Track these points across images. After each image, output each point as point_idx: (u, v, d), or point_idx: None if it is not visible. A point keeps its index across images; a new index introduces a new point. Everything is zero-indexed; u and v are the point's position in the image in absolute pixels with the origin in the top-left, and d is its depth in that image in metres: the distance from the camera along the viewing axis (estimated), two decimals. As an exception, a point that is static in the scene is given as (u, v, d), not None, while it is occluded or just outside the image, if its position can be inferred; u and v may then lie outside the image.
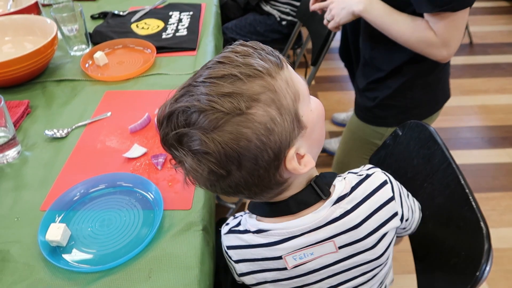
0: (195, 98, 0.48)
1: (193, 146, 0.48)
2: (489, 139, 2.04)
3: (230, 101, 0.47)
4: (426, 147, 0.81)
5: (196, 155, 0.49)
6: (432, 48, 0.92)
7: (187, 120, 0.48)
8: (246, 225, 0.63)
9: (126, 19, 1.33)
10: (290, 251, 0.60)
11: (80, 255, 0.66)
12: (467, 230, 0.67)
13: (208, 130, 0.47)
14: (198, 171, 0.50)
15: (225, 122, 0.47)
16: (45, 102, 1.00)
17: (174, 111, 0.49)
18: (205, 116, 0.47)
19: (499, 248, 1.54)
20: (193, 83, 0.50)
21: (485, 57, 2.66)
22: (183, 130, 0.48)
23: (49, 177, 0.80)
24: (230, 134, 0.47)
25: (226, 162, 0.48)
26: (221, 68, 0.49)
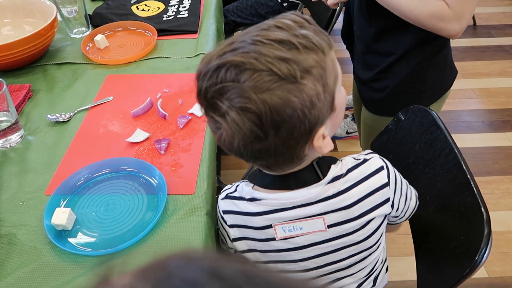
0: (252, 55, 0.48)
1: (241, 103, 0.48)
2: (490, 123, 2.04)
3: (287, 67, 0.47)
4: (429, 132, 0.81)
5: (242, 112, 0.48)
6: (445, 22, 0.88)
7: (238, 75, 0.48)
8: (241, 192, 0.64)
9: (126, 0, 1.31)
10: (280, 222, 0.61)
11: (86, 238, 0.67)
12: (468, 215, 0.68)
13: (260, 90, 0.47)
14: (239, 128, 0.49)
15: (278, 87, 0.47)
16: (46, 85, 0.99)
17: (225, 63, 0.48)
18: (259, 76, 0.47)
19: (496, 231, 1.56)
20: (248, 39, 0.49)
21: (488, 39, 2.63)
22: (234, 84, 0.48)
23: (53, 161, 0.80)
24: (280, 99, 0.47)
25: (268, 125, 0.49)
26: (279, 33, 0.49)
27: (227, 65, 0.48)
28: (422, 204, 0.80)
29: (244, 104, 0.48)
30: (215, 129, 0.53)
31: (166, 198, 0.70)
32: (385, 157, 0.77)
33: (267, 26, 0.51)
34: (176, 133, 0.84)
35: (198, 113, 0.88)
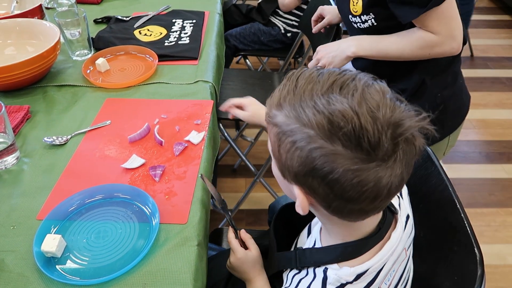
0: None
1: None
2: (487, 154, 2.05)
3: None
4: (424, 167, 0.81)
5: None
6: (438, 47, 0.92)
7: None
8: (339, 280, 0.55)
9: (129, 24, 1.33)
10: (383, 279, 0.57)
11: (74, 266, 0.66)
12: (461, 255, 0.68)
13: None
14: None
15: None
16: (45, 107, 1.00)
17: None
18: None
19: (491, 264, 1.55)
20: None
21: (485, 70, 2.67)
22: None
23: (47, 185, 0.80)
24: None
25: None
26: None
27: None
28: (416, 241, 0.80)
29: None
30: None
31: (158, 227, 0.70)
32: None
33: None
34: (171, 160, 0.85)
35: (194, 141, 0.89)
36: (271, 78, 1.72)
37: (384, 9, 0.91)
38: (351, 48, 0.99)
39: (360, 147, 0.44)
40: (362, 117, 0.44)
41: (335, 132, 0.44)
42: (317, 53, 1.05)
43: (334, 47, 1.02)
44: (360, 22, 0.97)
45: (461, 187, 1.87)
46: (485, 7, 3.46)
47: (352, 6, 0.96)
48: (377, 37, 0.97)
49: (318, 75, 0.49)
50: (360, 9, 0.94)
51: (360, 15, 0.95)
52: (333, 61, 1.02)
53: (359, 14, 0.96)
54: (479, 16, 3.29)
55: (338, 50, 1.01)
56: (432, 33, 0.90)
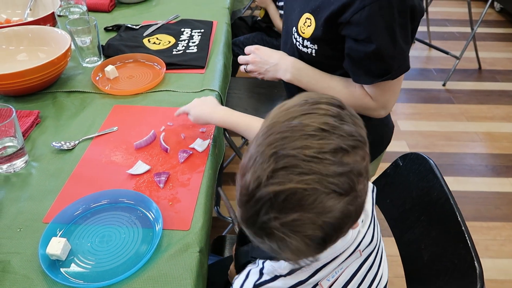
0: (313, 179, 0.44)
1: (304, 231, 0.45)
2: (493, 167, 2.04)
3: (348, 182, 0.45)
4: (426, 179, 0.82)
5: (307, 239, 0.46)
6: (371, 111, 0.91)
7: (300, 202, 0.44)
8: (273, 271, 0.59)
9: (138, 33, 1.36)
10: (324, 277, 0.59)
11: (78, 270, 0.67)
12: (461, 268, 0.68)
13: (322, 214, 0.44)
14: (300, 251, 0.47)
15: (338, 203, 0.45)
16: (54, 113, 1.02)
17: (284, 191, 0.44)
18: (322, 202, 0.44)
19: (497, 279, 1.53)
20: (301, 156, 0.44)
21: (493, 83, 2.66)
22: (295, 215, 0.44)
23: (54, 189, 0.81)
24: (340, 213, 0.45)
25: (330, 238, 0.48)
26: (329, 141, 0.45)
27: (286, 193, 0.44)
28: (417, 252, 0.80)
29: (308, 232, 0.45)
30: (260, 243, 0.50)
31: (161, 233, 0.71)
32: (382, 201, 0.78)
33: (312, 131, 0.46)
34: (176, 167, 0.86)
35: (199, 148, 0.90)
36: (277, 87, 1.74)
37: (331, 49, 0.86)
38: (287, 74, 0.92)
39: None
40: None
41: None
42: (253, 55, 0.96)
43: (271, 60, 0.94)
44: (300, 44, 0.90)
45: (466, 200, 1.86)
46: (493, 20, 3.46)
47: (302, 25, 0.87)
48: (317, 74, 0.91)
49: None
50: (308, 35, 0.86)
51: (305, 38, 0.88)
52: (264, 73, 0.96)
53: (305, 37, 0.88)
54: (488, 29, 3.29)
55: (273, 68, 0.94)
56: (371, 98, 0.89)
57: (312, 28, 0.84)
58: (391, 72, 0.81)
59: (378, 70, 0.82)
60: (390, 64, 0.80)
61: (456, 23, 3.40)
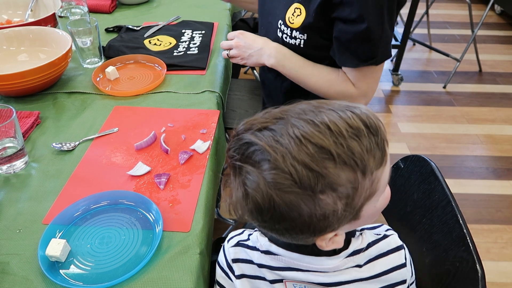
0: (281, 151, 0.44)
1: (250, 187, 0.47)
2: (494, 170, 2.03)
3: (309, 178, 0.44)
4: (427, 182, 0.81)
5: (247, 195, 0.47)
6: (352, 99, 0.91)
7: (261, 162, 0.46)
8: (256, 243, 0.62)
9: (139, 34, 1.36)
10: (292, 280, 0.60)
11: (78, 271, 0.67)
12: (463, 271, 0.67)
13: (272, 186, 0.45)
14: (241, 205, 0.49)
15: (292, 191, 0.45)
16: (55, 113, 1.02)
17: (256, 144, 0.46)
18: (278, 175, 0.44)
19: (498, 282, 1.53)
20: (291, 129, 0.46)
21: (493, 86, 2.66)
22: (253, 168, 0.46)
23: (54, 190, 0.81)
24: (288, 203, 0.45)
25: (267, 216, 0.48)
26: (323, 136, 0.45)
27: (256, 146, 0.46)
28: (418, 255, 0.79)
29: (251, 190, 0.46)
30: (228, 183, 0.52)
31: (161, 235, 0.71)
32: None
33: (320, 122, 0.46)
34: (176, 169, 0.86)
35: (199, 150, 0.90)
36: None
37: (322, 38, 0.87)
38: (270, 59, 0.91)
39: (375, 156, 0.48)
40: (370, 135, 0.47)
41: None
42: (237, 39, 0.94)
43: (255, 45, 0.93)
44: (287, 35, 0.90)
45: (467, 203, 1.85)
46: (494, 22, 3.47)
47: (291, 15, 0.87)
48: (301, 61, 0.91)
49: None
50: (298, 24, 0.86)
51: (294, 29, 0.88)
52: (247, 58, 0.94)
53: (293, 28, 0.88)
54: (488, 32, 3.29)
55: (257, 52, 0.92)
56: (353, 84, 0.90)
57: (303, 17, 0.85)
58: (375, 57, 0.84)
59: (364, 53, 0.84)
60: (376, 46, 0.82)
61: (457, 26, 3.40)
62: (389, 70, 2.80)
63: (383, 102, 2.52)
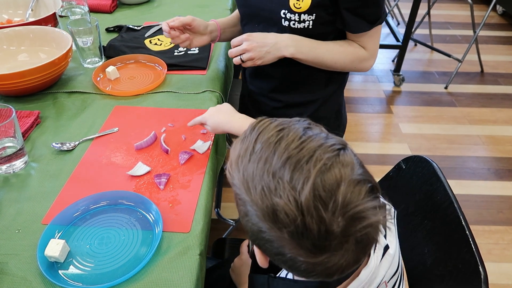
0: (314, 148, 0.45)
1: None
2: (496, 171, 2.03)
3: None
4: (429, 183, 0.81)
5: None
6: (365, 61, 0.99)
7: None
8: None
9: (140, 33, 1.35)
10: None
11: (77, 272, 0.66)
12: (465, 272, 0.67)
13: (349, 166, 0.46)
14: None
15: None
16: (55, 113, 1.01)
17: (316, 182, 0.43)
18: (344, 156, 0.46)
19: (500, 284, 1.52)
20: (295, 150, 0.45)
21: (495, 86, 2.65)
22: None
23: (53, 190, 0.81)
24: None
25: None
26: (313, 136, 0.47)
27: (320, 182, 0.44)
28: (420, 257, 0.79)
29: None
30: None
31: (161, 235, 0.70)
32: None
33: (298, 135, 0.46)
34: (176, 169, 0.85)
35: (200, 150, 0.89)
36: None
37: (327, 14, 0.90)
38: (289, 49, 0.92)
39: (304, 244, 0.43)
40: (307, 217, 0.41)
41: (280, 225, 0.43)
42: (247, 42, 0.92)
43: (268, 41, 0.92)
44: (295, 21, 0.90)
45: (468, 203, 1.84)
46: (496, 23, 3.46)
47: (295, 1, 0.88)
48: (314, 42, 0.94)
49: (276, 142, 0.46)
50: (306, 6, 0.88)
51: (301, 12, 0.89)
52: (264, 56, 0.92)
53: (301, 12, 0.89)
54: (490, 32, 3.29)
55: (274, 47, 0.92)
56: (364, 48, 0.98)
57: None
58: (380, 17, 0.92)
59: (371, 15, 0.91)
60: (380, 7, 0.90)
61: (459, 26, 3.39)
62: (391, 71, 2.80)
63: (384, 103, 2.51)
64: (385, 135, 2.25)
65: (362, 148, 2.15)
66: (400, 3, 3.29)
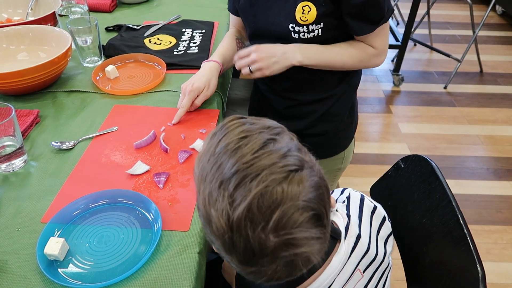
0: (265, 174, 0.45)
1: (296, 220, 0.44)
2: (495, 170, 2.03)
3: (294, 158, 0.46)
4: (427, 182, 0.81)
5: (302, 228, 0.45)
6: (374, 59, 1.00)
7: (272, 199, 0.44)
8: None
9: (139, 33, 1.35)
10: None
11: (76, 270, 0.66)
12: (463, 271, 0.67)
13: (296, 196, 0.46)
14: (310, 237, 0.46)
15: (302, 178, 0.46)
16: (54, 112, 1.02)
17: (251, 203, 0.44)
18: (288, 185, 0.45)
19: (498, 283, 1.52)
20: (242, 166, 0.46)
21: (494, 86, 2.66)
22: (277, 214, 0.44)
23: (53, 188, 0.81)
24: (310, 187, 0.47)
25: (320, 210, 0.49)
26: (252, 140, 0.48)
27: (255, 202, 0.44)
28: (418, 256, 0.79)
29: (301, 218, 0.46)
30: None
31: (160, 234, 0.70)
32: (384, 203, 0.78)
33: (235, 144, 0.47)
34: (176, 168, 0.85)
35: (199, 149, 0.90)
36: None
37: (335, 19, 0.92)
38: (297, 57, 0.93)
39: (233, 255, 0.45)
40: (235, 234, 0.43)
41: (214, 234, 0.46)
42: (256, 53, 0.93)
43: (276, 52, 0.94)
44: (305, 32, 0.93)
45: (468, 203, 1.85)
46: (495, 23, 3.46)
47: (301, 15, 0.91)
48: (320, 47, 0.95)
49: (234, 149, 0.46)
50: (313, 18, 0.90)
51: (309, 24, 0.91)
52: (272, 67, 0.94)
53: (308, 23, 0.91)
54: (489, 32, 3.29)
55: (282, 57, 0.94)
56: (372, 46, 0.98)
57: (314, 10, 0.90)
58: (384, 16, 0.92)
59: (374, 16, 0.91)
60: (382, 7, 0.90)
61: (458, 26, 3.40)
62: (390, 71, 2.80)
63: (383, 103, 2.51)
64: (384, 135, 2.26)
65: (362, 148, 2.16)
66: (400, 3, 3.29)
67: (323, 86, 1.05)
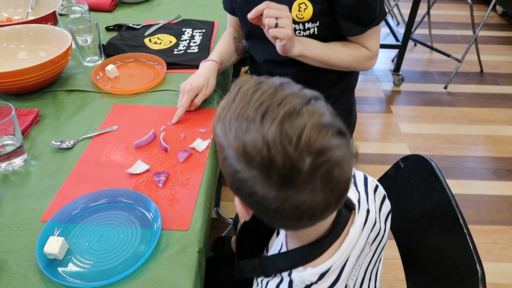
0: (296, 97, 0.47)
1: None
2: (495, 171, 2.03)
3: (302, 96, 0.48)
4: (427, 182, 0.81)
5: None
6: (368, 61, 1.02)
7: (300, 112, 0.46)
8: (303, 281, 0.57)
9: (139, 32, 1.35)
10: (349, 275, 0.60)
11: (76, 269, 0.67)
12: (463, 271, 0.67)
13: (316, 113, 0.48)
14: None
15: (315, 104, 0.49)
16: (54, 111, 1.02)
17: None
18: (309, 105, 0.47)
19: (498, 283, 1.52)
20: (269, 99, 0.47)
21: (494, 86, 2.65)
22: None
23: (52, 187, 0.81)
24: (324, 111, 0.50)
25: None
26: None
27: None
28: (418, 256, 0.79)
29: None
30: None
31: (159, 233, 0.70)
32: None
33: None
34: (175, 167, 0.85)
35: (199, 148, 0.90)
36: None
37: (330, 19, 0.94)
38: (298, 46, 0.94)
39: (272, 177, 0.45)
40: (272, 149, 0.43)
41: (250, 161, 0.45)
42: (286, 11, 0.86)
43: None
44: (300, 30, 0.95)
45: (468, 203, 1.85)
46: (495, 23, 3.46)
47: (297, 12, 0.92)
48: (318, 42, 0.97)
49: (253, 92, 0.48)
50: (309, 16, 0.92)
51: (305, 22, 0.93)
52: (291, 37, 0.88)
53: (304, 21, 0.93)
54: (490, 32, 3.29)
55: (293, 38, 0.93)
56: (366, 48, 1.00)
57: (310, 7, 0.91)
58: (375, 18, 0.94)
59: (365, 18, 0.93)
60: (374, 10, 0.91)
61: (458, 26, 3.40)
62: (390, 71, 2.80)
63: (383, 102, 2.51)
64: (384, 135, 2.26)
65: (362, 148, 2.16)
66: (400, 3, 3.29)
67: (321, 87, 1.05)
